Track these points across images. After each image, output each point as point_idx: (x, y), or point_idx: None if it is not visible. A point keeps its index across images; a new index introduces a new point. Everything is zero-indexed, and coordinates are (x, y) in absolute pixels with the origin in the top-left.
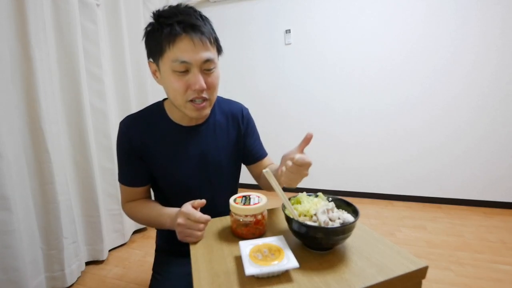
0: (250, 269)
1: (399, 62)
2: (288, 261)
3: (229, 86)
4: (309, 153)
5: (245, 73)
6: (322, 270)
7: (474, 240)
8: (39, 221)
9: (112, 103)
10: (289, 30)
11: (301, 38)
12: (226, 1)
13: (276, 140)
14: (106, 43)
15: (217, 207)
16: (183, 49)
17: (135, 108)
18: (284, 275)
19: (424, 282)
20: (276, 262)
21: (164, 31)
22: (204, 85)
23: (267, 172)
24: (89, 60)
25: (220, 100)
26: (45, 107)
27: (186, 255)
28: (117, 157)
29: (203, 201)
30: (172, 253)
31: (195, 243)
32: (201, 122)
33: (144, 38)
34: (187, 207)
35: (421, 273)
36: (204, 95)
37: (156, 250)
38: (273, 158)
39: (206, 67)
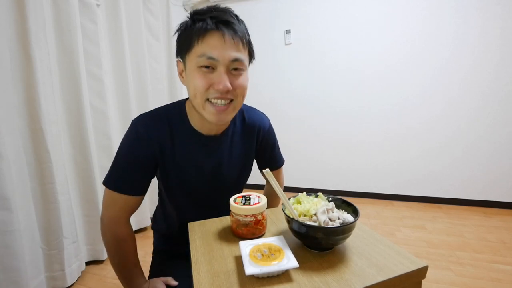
0: (250, 269)
1: (399, 62)
2: (288, 261)
3: None
4: (310, 153)
5: None
6: (322, 270)
7: (473, 240)
8: (39, 221)
9: (112, 103)
10: (289, 30)
11: (301, 38)
12: (226, 1)
13: None
14: (106, 43)
15: (222, 215)
16: (212, 45)
17: (135, 108)
18: (284, 275)
19: (424, 282)
20: (276, 262)
21: (196, 26)
22: (229, 86)
23: (267, 172)
24: (89, 60)
25: (244, 108)
26: (45, 107)
27: (185, 257)
28: (119, 158)
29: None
30: (170, 255)
31: None
32: (220, 133)
33: (176, 36)
34: (157, 285)
35: (421, 273)
36: (229, 96)
37: (153, 252)
38: None
39: (234, 67)
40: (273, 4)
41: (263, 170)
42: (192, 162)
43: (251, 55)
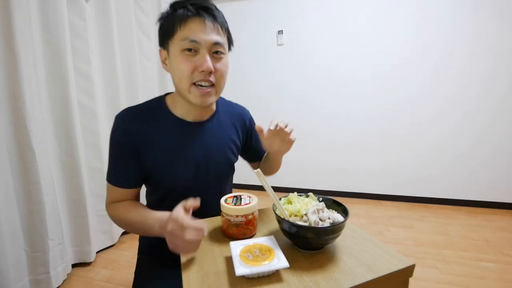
0: (241, 269)
1: (392, 64)
2: (279, 261)
3: None
4: (301, 154)
5: (236, 73)
6: (312, 269)
7: (459, 238)
8: (23, 223)
9: (101, 101)
10: (282, 30)
11: (293, 39)
12: (218, 1)
13: None
14: (95, 40)
15: (210, 208)
16: (194, 29)
17: (125, 106)
18: (274, 275)
19: (411, 280)
20: (266, 262)
21: (177, 12)
22: (212, 67)
23: (258, 172)
24: (77, 56)
25: (224, 101)
26: (30, 104)
27: (172, 257)
28: (109, 153)
29: (197, 202)
30: (157, 256)
31: (188, 254)
32: (206, 119)
33: (158, 26)
34: (178, 211)
35: (409, 271)
36: (211, 79)
37: (139, 253)
38: None
39: (215, 50)
40: (266, 4)
41: (254, 171)
42: (179, 150)
43: (230, 41)
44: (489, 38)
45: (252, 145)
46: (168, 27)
